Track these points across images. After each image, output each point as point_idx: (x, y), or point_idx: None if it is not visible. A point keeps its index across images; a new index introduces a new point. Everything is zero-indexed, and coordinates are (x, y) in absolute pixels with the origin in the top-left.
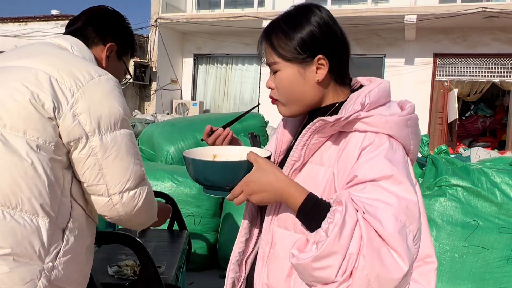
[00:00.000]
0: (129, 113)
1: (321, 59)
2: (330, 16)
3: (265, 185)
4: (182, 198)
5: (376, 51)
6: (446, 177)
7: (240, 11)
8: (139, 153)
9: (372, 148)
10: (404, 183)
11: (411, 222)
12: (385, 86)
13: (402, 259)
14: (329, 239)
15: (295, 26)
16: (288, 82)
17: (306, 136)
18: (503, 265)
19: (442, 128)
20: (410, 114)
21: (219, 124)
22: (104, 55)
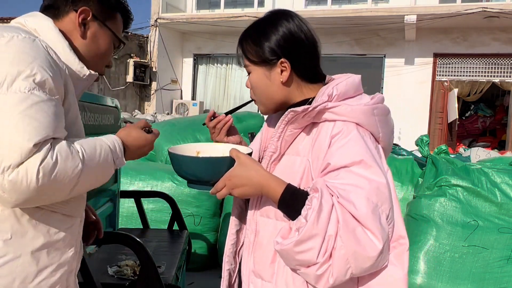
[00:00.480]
0: (46, 79)
1: (284, 62)
2: (298, 24)
3: (246, 180)
4: (182, 198)
5: (376, 51)
6: (446, 177)
7: (240, 11)
8: (39, 119)
9: (341, 136)
10: (374, 166)
11: (383, 202)
12: (354, 79)
13: (376, 237)
14: (308, 223)
15: (262, 34)
16: (257, 83)
17: (280, 128)
18: (503, 265)
19: (442, 128)
20: (376, 104)
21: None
22: (77, 24)
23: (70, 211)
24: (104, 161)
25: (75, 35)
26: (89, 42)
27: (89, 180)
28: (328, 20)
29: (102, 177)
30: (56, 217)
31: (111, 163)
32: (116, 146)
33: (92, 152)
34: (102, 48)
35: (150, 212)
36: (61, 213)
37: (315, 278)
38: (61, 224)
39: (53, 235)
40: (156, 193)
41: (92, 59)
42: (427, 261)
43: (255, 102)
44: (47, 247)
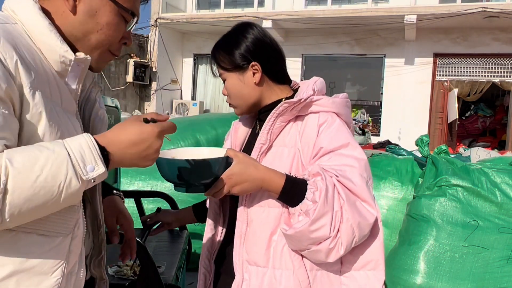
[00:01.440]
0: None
1: (255, 65)
2: (261, 32)
3: (247, 176)
4: (182, 198)
5: (376, 51)
6: (446, 177)
7: (240, 11)
8: None
9: (327, 124)
10: (358, 147)
11: (370, 177)
12: (323, 81)
13: (371, 206)
14: (319, 203)
15: (232, 43)
16: (232, 87)
17: (271, 120)
18: (503, 265)
19: (442, 128)
20: (347, 98)
21: (220, 124)
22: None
23: (50, 230)
24: (52, 175)
25: (64, 12)
26: (84, 18)
27: (29, 203)
28: (328, 20)
29: (53, 195)
30: (30, 239)
31: (70, 177)
32: (85, 150)
33: (27, 164)
34: (101, 24)
35: (150, 212)
36: (37, 233)
37: (327, 252)
38: (38, 247)
39: (25, 261)
40: (156, 193)
41: (90, 39)
42: (427, 261)
43: (231, 106)
44: (16, 274)
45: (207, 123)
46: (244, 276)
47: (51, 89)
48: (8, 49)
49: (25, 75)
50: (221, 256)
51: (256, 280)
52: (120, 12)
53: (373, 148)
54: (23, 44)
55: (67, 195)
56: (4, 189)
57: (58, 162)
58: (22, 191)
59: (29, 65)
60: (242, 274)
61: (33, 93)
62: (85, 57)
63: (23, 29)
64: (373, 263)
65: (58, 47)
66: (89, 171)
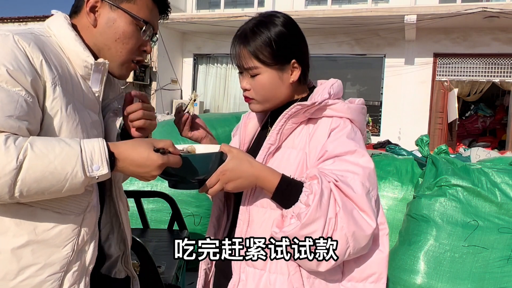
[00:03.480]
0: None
1: (295, 62)
2: (295, 23)
3: (241, 172)
4: (182, 198)
5: (376, 51)
6: (446, 177)
7: (240, 11)
8: None
9: (338, 129)
10: (366, 156)
11: (373, 188)
12: (340, 83)
13: (370, 218)
14: (312, 207)
15: (277, 36)
16: (269, 84)
17: (282, 121)
18: (503, 265)
19: (442, 128)
20: (363, 104)
21: (220, 124)
22: (85, 12)
23: (64, 208)
24: (62, 165)
25: (89, 26)
26: (104, 29)
27: (37, 184)
28: (328, 20)
29: (59, 182)
30: (46, 214)
31: (77, 170)
32: (95, 151)
33: (44, 151)
34: (118, 32)
35: (150, 212)
36: (53, 210)
37: (318, 260)
38: (53, 222)
39: (41, 233)
40: (156, 193)
41: (111, 48)
42: (427, 261)
43: (250, 101)
44: (32, 245)
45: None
46: (241, 277)
47: (73, 88)
48: (35, 51)
49: (48, 72)
50: None
51: (252, 281)
52: (134, 21)
53: (373, 148)
54: (52, 52)
55: (70, 185)
56: (20, 167)
57: (70, 155)
58: (34, 172)
59: (52, 65)
60: (239, 275)
61: (54, 88)
62: (103, 62)
63: (56, 41)
64: (376, 276)
65: (81, 53)
66: (94, 170)
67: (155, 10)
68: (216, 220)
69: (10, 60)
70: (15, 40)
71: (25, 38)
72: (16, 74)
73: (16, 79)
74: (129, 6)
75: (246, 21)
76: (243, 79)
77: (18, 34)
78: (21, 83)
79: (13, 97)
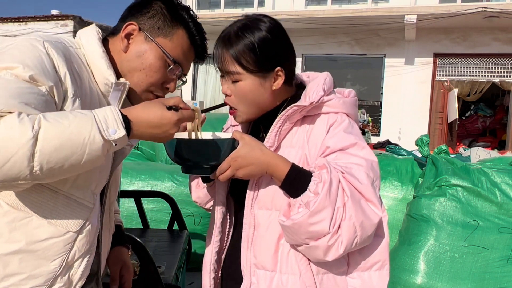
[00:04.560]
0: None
1: (279, 70)
2: (281, 28)
3: (252, 159)
4: (182, 198)
5: (376, 51)
6: (446, 177)
7: (240, 11)
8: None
9: (336, 124)
10: (366, 148)
11: (377, 178)
12: (331, 76)
13: (376, 207)
14: (321, 195)
15: (261, 41)
16: (250, 92)
17: (279, 122)
18: (503, 265)
19: (442, 128)
20: (355, 96)
21: (220, 124)
22: (120, 37)
23: (60, 222)
24: (78, 129)
25: (120, 50)
26: (132, 57)
27: (56, 153)
28: (328, 20)
29: (78, 148)
30: (42, 225)
31: (94, 133)
32: (109, 116)
33: (57, 119)
34: (145, 64)
35: (150, 212)
36: (49, 222)
37: (325, 249)
38: (46, 234)
39: (32, 243)
40: (156, 193)
41: (134, 75)
42: (427, 261)
43: (234, 113)
44: (21, 253)
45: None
46: (252, 280)
47: (92, 101)
48: (62, 61)
49: (71, 84)
50: (228, 259)
51: (264, 284)
52: (164, 57)
53: (373, 148)
54: (78, 64)
55: (91, 151)
56: (36, 136)
57: (84, 121)
58: (51, 140)
59: (76, 77)
60: (250, 278)
61: (74, 100)
62: (124, 82)
63: (83, 53)
64: (380, 264)
65: (105, 70)
66: (111, 133)
67: (190, 53)
68: (221, 225)
69: (36, 64)
70: (45, 46)
71: (55, 46)
72: (39, 78)
73: (39, 82)
74: (163, 42)
75: (231, 23)
76: (224, 83)
77: (48, 41)
78: (43, 84)
79: (34, 90)
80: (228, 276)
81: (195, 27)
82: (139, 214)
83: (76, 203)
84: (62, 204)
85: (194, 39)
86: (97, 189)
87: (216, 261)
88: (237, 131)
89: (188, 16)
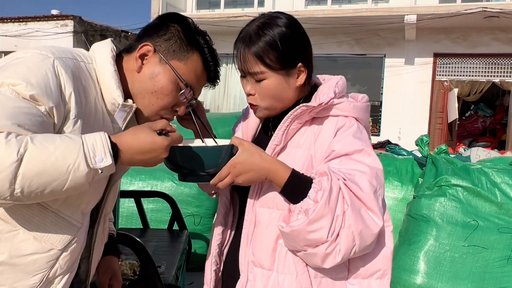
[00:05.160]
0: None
1: (301, 66)
2: (299, 23)
3: (251, 165)
4: (182, 198)
5: (376, 51)
6: (446, 177)
7: (240, 11)
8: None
9: (344, 128)
10: (373, 155)
11: (380, 186)
12: (344, 80)
13: (377, 216)
14: (320, 203)
15: (282, 38)
16: (275, 90)
17: (287, 122)
18: (503, 265)
19: (442, 128)
20: (367, 102)
21: (220, 124)
22: (134, 57)
23: (46, 239)
24: (63, 155)
25: (133, 70)
26: (144, 79)
27: (38, 178)
28: (328, 20)
29: (61, 175)
30: (27, 240)
31: (79, 161)
32: (97, 143)
33: (44, 143)
34: (157, 86)
35: (150, 212)
36: (34, 237)
37: (323, 257)
38: (30, 249)
39: (15, 257)
40: (156, 193)
41: (144, 97)
42: (427, 261)
43: (255, 108)
44: (3, 265)
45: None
46: (248, 277)
47: (95, 121)
48: (69, 80)
49: (74, 105)
50: (229, 255)
51: (260, 282)
52: (177, 81)
53: (373, 148)
54: (86, 81)
55: (74, 179)
56: (21, 160)
57: (71, 147)
58: (35, 165)
59: (81, 97)
60: (247, 275)
61: (75, 121)
62: (131, 104)
63: (94, 68)
64: (381, 272)
65: (113, 90)
66: (97, 161)
67: (203, 77)
68: (224, 218)
69: (40, 83)
70: (54, 64)
71: (64, 64)
72: (40, 98)
73: (39, 102)
74: (178, 65)
75: (247, 23)
76: (247, 84)
77: (59, 58)
78: (43, 104)
79: (31, 110)
80: (228, 271)
81: (210, 53)
82: (139, 214)
83: (64, 221)
84: (50, 220)
85: (208, 65)
86: (87, 208)
87: (218, 254)
88: (235, 137)
89: (204, 42)
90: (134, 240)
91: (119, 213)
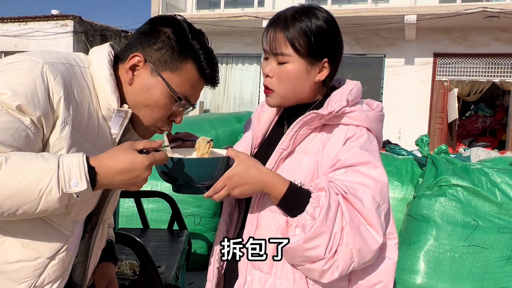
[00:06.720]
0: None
1: (326, 62)
2: (336, 22)
3: (248, 178)
4: (182, 198)
5: (376, 51)
6: (446, 177)
7: (240, 11)
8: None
9: (354, 138)
10: (380, 167)
11: (384, 201)
12: (360, 86)
13: (377, 233)
14: (318, 221)
15: (317, 28)
16: (295, 75)
17: (296, 127)
18: (503, 265)
19: (442, 128)
20: (382, 111)
21: (220, 125)
22: (125, 68)
23: (34, 247)
24: (37, 179)
25: (125, 81)
26: (137, 92)
27: (9, 201)
28: None
29: (33, 198)
30: (14, 247)
31: (51, 186)
32: (74, 166)
33: (20, 165)
34: (150, 100)
35: (150, 212)
36: (22, 244)
37: (321, 273)
38: (18, 257)
39: (2, 263)
40: (156, 193)
41: (140, 110)
42: (427, 261)
43: (269, 93)
44: None
45: (207, 123)
46: (246, 279)
47: (87, 128)
48: (58, 86)
49: (63, 111)
50: None
51: (258, 284)
52: (171, 94)
53: None
54: (79, 87)
55: (46, 203)
56: None
57: (45, 171)
58: (7, 188)
59: (71, 103)
60: (245, 276)
61: (63, 127)
62: (126, 110)
63: (90, 73)
64: (383, 284)
65: (108, 95)
66: (72, 186)
67: (199, 84)
68: (228, 217)
69: (27, 92)
70: (42, 70)
71: (54, 69)
72: (27, 108)
73: (26, 112)
74: (170, 77)
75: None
76: (268, 64)
77: (49, 63)
78: (29, 114)
79: (14, 125)
80: (229, 272)
81: (206, 58)
82: (139, 214)
83: (53, 229)
84: (37, 228)
85: (204, 72)
86: (79, 216)
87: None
88: (232, 149)
89: (200, 46)
90: (134, 240)
91: (119, 213)
